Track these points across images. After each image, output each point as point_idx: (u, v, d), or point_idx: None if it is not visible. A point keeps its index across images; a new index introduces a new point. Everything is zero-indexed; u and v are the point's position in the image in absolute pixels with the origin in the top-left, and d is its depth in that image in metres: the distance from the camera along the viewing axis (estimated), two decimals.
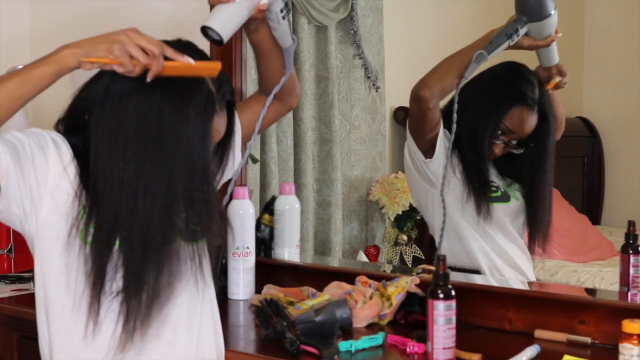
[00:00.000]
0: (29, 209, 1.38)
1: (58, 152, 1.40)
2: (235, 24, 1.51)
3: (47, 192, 1.38)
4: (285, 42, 1.67)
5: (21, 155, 1.36)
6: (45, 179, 1.38)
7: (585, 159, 2.99)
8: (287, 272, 2.16)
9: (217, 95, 1.46)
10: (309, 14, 2.64)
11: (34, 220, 1.39)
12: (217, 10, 1.50)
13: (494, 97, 2.02)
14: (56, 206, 1.39)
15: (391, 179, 2.64)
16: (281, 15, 1.61)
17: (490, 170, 2.09)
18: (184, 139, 1.39)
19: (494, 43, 1.95)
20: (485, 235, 2.07)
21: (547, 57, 2.03)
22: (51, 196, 1.38)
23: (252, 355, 1.66)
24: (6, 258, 2.51)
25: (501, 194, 2.09)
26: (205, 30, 1.46)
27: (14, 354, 2.08)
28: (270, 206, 2.22)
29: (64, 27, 2.77)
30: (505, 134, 2.04)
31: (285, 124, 2.62)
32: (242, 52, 2.21)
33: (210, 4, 1.51)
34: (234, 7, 1.50)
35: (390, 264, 2.58)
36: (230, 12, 1.50)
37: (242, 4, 1.50)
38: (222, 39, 1.47)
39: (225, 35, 1.47)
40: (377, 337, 1.68)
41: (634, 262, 1.84)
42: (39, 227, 1.40)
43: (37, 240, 1.42)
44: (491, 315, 1.84)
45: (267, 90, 1.77)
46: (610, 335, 1.63)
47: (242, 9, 1.51)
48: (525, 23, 1.94)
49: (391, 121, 2.77)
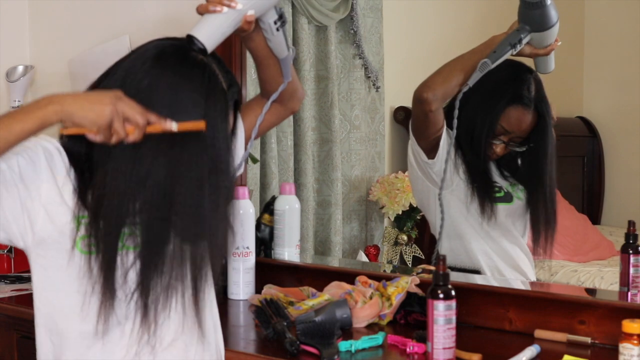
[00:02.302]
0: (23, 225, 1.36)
1: (50, 163, 1.37)
2: (221, 34, 1.50)
3: (40, 207, 1.36)
4: (281, 53, 1.65)
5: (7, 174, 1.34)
6: (38, 194, 1.36)
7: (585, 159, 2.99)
8: (287, 272, 2.16)
9: (229, 93, 1.47)
10: (309, 14, 2.64)
11: (29, 235, 1.38)
12: (204, 20, 1.49)
13: (490, 97, 2.02)
14: (51, 219, 1.37)
15: (391, 178, 2.64)
16: (275, 27, 1.60)
17: (493, 171, 2.09)
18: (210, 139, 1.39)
19: (497, 52, 1.95)
20: (486, 236, 2.07)
21: (544, 64, 2.04)
22: (45, 209, 1.37)
23: (252, 355, 1.66)
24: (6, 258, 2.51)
25: (504, 194, 2.08)
26: (191, 39, 1.46)
27: (14, 354, 2.09)
28: (270, 206, 2.22)
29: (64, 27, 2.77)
30: (504, 134, 2.03)
31: (285, 124, 2.62)
32: (242, 53, 2.22)
33: (199, 13, 1.51)
34: (220, 17, 1.49)
35: (390, 264, 2.57)
36: (216, 22, 1.49)
37: (229, 14, 1.49)
38: (206, 49, 1.47)
39: (209, 46, 1.47)
40: (377, 337, 1.68)
41: (634, 262, 1.84)
42: (36, 242, 1.39)
43: (34, 254, 1.41)
44: (491, 315, 1.84)
45: (266, 94, 1.76)
46: (610, 335, 1.63)
47: (228, 19, 1.50)
48: (529, 32, 1.94)
49: (391, 121, 2.77)
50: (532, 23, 1.93)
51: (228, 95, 1.46)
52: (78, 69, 2.58)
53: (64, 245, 1.38)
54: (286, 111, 1.83)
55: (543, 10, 1.92)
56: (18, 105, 2.66)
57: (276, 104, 1.76)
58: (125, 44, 2.41)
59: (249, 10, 1.51)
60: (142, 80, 1.39)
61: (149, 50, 1.44)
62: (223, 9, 1.48)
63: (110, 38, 2.51)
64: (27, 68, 2.68)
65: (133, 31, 2.46)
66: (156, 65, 1.41)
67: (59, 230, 1.37)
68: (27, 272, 2.39)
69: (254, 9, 1.52)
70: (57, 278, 1.40)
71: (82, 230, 1.37)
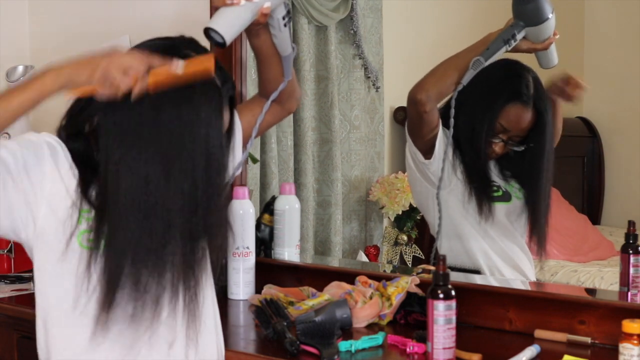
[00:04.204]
0: (25, 217, 1.37)
1: (54, 157, 1.39)
2: (239, 26, 1.51)
3: (43, 199, 1.37)
4: (285, 50, 1.67)
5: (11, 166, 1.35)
6: (41, 187, 1.37)
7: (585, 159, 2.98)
8: (287, 272, 2.16)
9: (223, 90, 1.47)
10: (309, 14, 2.65)
11: (31, 228, 1.39)
12: (221, 13, 1.50)
13: (489, 95, 2.02)
14: (53, 212, 1.38)
15: (391, 179, 2.64)
16: (283, 22, 1.61)
17: (491, 170, 2.09)
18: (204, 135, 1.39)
19: (491, 49, 1.95)
20: (486, 235, 2.07)
21: (546, 59, 2.03)
22: (48, 203, 1.38)
23: (252, 355, 1.66)
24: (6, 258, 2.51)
25: (502, 193, 2.08)
26: (209, 32, 1.46)
27: (14, 354, 2.08)
28: (270, 206, 2.22)
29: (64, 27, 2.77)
30: (502, 132, 2.03)
31: (285, 124, 2.62)
32: (242, 53, 2.22)
33: (215, 6, 1.51)
34: (238, 9, 1.50)
35: (390, 264, 2.58)
36: (234, 14, 1.49)
37: (247, 6, 1.50)
38: (225, 41, 1.47)
39: (228, 38, 1.47)
40: (377, 337, 1.68)
41: (634, 262, 1.84)
42: (37, 234, 1.39)
43: (35, 247, 1.42)
44: (491, 315, 1.84)
45: (266, 94, 1.77)
46: (610, 335, 1.63)
47: (246, 11, 1.51)
48: (523, 27, 1.93)
49: (390, 121, 2.77)
50: (526, 18, 1.93)
51: (222, 92, 1.46)
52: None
53: (64, 238, 1.38)
54: (283, 111, 1.83)
55: (536, 4, 1.91)
56: None
57: (274, 104, 1.76)
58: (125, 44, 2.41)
59: (265, 2, 1.52)
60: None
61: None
62: (240, 2, 1.49)
63: (110, 38, 2.51)
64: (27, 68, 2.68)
65: (133, 31, 2.46)
66: None
67: (61, 223, 1.38)
68: (27, 272, 2.39)
69: (270, 2, 1.52)
70: (55, 272, 1.41)
71: (83, 225, 1.38)
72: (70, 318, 1.42)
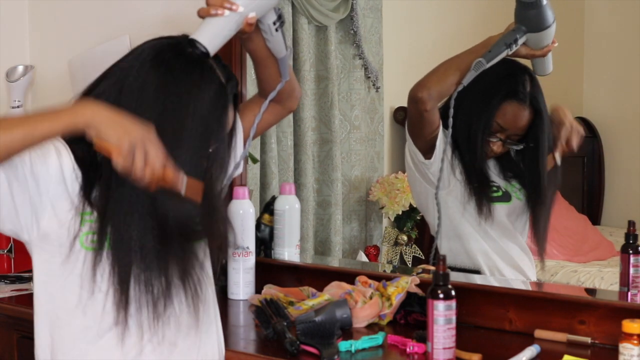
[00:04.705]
0: (30, 218, 1.37)
1: (60, 159, 1.38)
2: (223, 37, 1.51)
3: (48, 201, 1.37)
4: (280, 53, 1.66)
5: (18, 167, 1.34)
6: (46, 189, 1.37)
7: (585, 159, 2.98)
8: (287, 272, 2.16)
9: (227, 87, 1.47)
10: (309, 14, 2.65)
11: (35, 230, 1.39)
12: (205, 23, 1.50)
13: (485, 94, 2.02)
14: (57, 214, 1.38)
15: (391, 179, 2.64)
16: (274, 27, 1.61)
17: (491, 170, 2.09)
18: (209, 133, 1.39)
19: (493, 51, 1.95)
20: (486, 236, 2.07)
21: (542, 66, 2.03)
22: (52, 205, 1.38)
23: (252, 355, 1.66)
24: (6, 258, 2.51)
25: (502, 193, 2.08)
26: (193, 43, 1.47)
27: (14, 354, 2.09)
28: (270, 206, 2.22)
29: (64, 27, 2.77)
30: (500, 131, 2.03)
31: (285, 124, 2.62)
32: (241, 53, 2.22)
33: (200, 16, 1.51)
34: (222, 20, 1.49)
35: (390, 264, 2.58)
36: (218, 25, 1.49)
37: (231, 17, 1.50)
38: (209, 52, 1.47)
39: (212, 49, 1.47)
40: (377, 337, 1.68)
41: (634, 262, 1.84)
42: (41, 236, 1.39)
43: (38, 248, 1.42)
44: (491, 315, 1.84)
45: (265, 93, 1.77)
46: (610, 335, 1.63)
47: (230, 22, 1.50)
48: (525, 33, 1.94)
49: (390, 121, 2.77)
50: (528, 23, 1.93)
51: (227, 89, 1.46)
52: (78, 69, 2.58)
53: (67, 240, 1.39)
54: (284, 110, 1.83)
55: (539, 11, 1.91)
56: (18, 106, 2.66)
57: (274, 103, 1.76)
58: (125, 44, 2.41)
59: (250, 12, 1.52)
60: (141, 81, 1.40)
61: (145, 51, 1.45)
62: (224, 12, 1.49)
63: (110, 38, 2.51)
64: (27, 68, 2.68)
65: (133, 31, 2.46)
66: (154, 65, 1.42)
67: (64, 225, 1.38)
68: (27, 272, 2.39)
69: (254, 11, 1.52)
70: (60, 273, 1.41)
71: (85, 227, 1.38)
72: (77, 319, 1.42)
